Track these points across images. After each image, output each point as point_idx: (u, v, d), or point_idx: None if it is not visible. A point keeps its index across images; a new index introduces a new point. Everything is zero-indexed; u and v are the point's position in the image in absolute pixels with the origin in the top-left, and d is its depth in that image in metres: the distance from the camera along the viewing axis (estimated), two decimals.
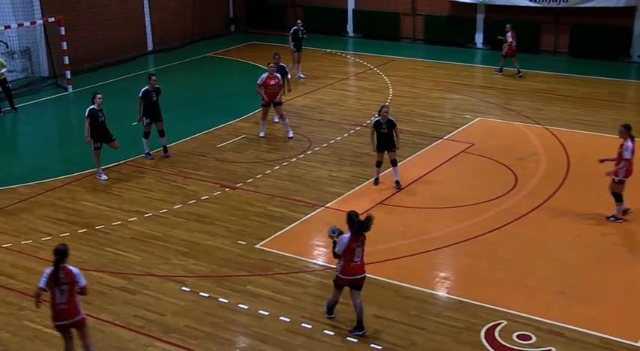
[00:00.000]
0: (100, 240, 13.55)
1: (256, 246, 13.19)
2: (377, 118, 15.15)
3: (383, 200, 14.82)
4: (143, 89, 16.98)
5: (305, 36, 23.93)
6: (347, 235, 10.16)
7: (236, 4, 31.96)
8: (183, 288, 11.86)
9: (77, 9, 25.31)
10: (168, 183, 16.06)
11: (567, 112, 20.10)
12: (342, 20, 30.25)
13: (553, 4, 25.71)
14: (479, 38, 27.75)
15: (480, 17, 27.46)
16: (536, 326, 10.60)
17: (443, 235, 13.42)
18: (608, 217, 13.76)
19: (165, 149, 17.59)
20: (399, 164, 15.52)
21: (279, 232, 13.69)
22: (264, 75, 18.27)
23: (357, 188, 15.47)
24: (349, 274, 10.34)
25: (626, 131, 13.43)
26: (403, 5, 28.93)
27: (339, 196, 15.09)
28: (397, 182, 15.37)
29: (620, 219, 13.70)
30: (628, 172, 13.48)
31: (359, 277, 10.42)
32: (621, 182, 13.49)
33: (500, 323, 10.70)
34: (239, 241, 13.36)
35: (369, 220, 10.17)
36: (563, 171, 16.06)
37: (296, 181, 15.95)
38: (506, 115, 20.10)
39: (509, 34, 23.34)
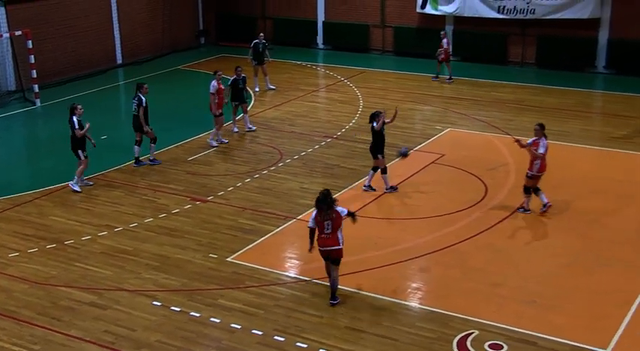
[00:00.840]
0: (70, 255, 13.40)
1: (228, 259, 13.13)
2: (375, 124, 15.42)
3: (355, 212, 14.79)
4: (144, 99, 17.17)
5: (268, 48, 23.89)
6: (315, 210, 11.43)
7: (206, 17, 31.92)
8: (154, 302, 11.76)
9: (45, 22, 25.06)
10: (138, 197, 15.93)
11: (535, 122, 20.22)
12: (312, 32, 30.34)
13: (520, 16, 26.03)
14: None
15: (449, 29, 27.69)
16: (507, 335, 10.66)
17: (415, 245, 13.47)
18: (518, 209, 14.64)
19: (137, 160, 17.77)
20: (365, 178, 15.90)
21: (250, 245, 13.64)
22: (215, 82, 18.52)
23: None
24: (320, 245, 11.38)
25: (541, 130, 14.41)
26: (372, 17, 29.11)
27: (311, 208, 15.03)
28: (371, 186, 15.84)
29: (529, 210, 14.55)
30: (542, 168, 14.32)
31: (329, 248, 11.31)
32: (534, 177, 14.38)
33: (472, 333, 10.74)
34: (210, 255, 13.28)
35: (321, 195, 11.42)
36: None
37: (267, 194, 15.92)
38: (475, 125, 20.28)
39: (444, 40, 24.43)
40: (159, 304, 11.71)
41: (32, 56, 22.98)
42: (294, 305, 11.56)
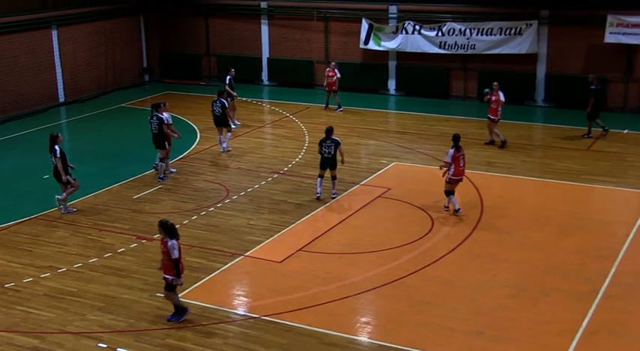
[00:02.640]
0: (10, 298, 13.04)
1: None
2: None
3: (302, 247, 14.83)
4: (163, 117, 18.62)
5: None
6: (175, 242, 11.89)
7: (150, 54, 31.81)
8: (100, 344, 11.51)
9: None
10: (82, 236, 15.66)
11: (479, 155, 20.69)
12: (257, 69, 30.51)
13: (461, 51, 26.63)
14: (392, 84, 28.43)
15: (392, 64, 28.18)
16: None
17: (363, 279, 13.50)
18: (445, 207, 16.48)
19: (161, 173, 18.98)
20: (312, 213, 16.08)
21: (198, 283, 13.49)
22: (167, 114, 19.07)
23: (276, 236, 15.44)
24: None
25: (453, 141, 16.27)
26: (317, 53, 29.43)
27: (259, 245, 15.03)
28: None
29: (448, 207, 16.39)
30: (455, 173, 16.16)
31: None
32: (449, 181, 16.24)
33: None
34: (157, 294, 13.07)
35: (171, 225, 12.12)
36: (477, 213, 16.47)
37: (214, 231, 15.81)
38: (420, 159, 20.55)
39: (335, 70, 25.78)
40: (104, 346, 11.46)
41: None
42: (243, 343, 11.45)
